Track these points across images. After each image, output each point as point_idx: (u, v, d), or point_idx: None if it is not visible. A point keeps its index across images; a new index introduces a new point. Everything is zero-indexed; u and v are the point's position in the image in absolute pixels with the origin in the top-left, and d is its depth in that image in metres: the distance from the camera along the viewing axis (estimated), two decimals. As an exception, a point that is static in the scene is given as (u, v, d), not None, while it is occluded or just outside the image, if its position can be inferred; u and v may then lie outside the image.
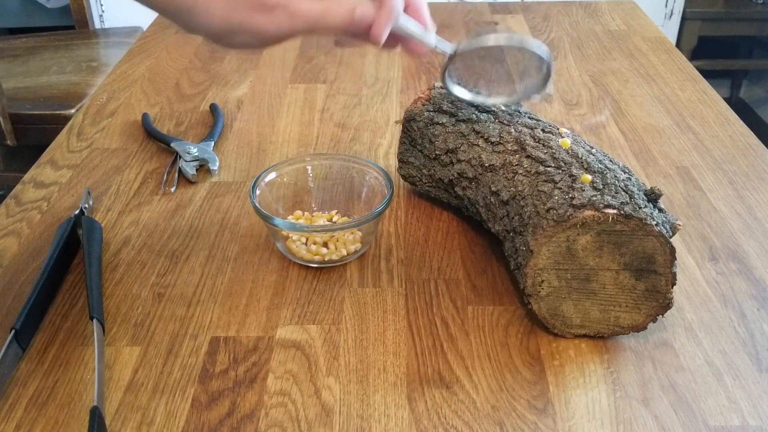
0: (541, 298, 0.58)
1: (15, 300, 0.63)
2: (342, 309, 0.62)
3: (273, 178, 0.71)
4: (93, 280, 0.63)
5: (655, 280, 0.56)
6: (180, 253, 0.69)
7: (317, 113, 0.95)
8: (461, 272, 0.66)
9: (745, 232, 0.71)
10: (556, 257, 0.56)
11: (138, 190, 0.79)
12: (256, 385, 0.55)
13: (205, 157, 0.83)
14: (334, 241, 0.67)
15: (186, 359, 0.57)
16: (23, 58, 1.81)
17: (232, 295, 0.64)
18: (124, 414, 0.53)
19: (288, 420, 0.52)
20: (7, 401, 0.54)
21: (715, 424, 0.52)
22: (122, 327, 0.61)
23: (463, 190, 0.69)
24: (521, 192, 0.61)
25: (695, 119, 0.93)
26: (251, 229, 0.72)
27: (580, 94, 1.00)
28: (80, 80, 1.69)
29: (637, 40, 1.18)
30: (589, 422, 0.52)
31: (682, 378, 0.55)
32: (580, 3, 1.36)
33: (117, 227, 0.73)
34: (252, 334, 0.60)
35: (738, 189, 0.78)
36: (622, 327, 0.58)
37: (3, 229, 0.73)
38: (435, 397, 0.54)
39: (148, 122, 0.92)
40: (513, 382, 0.55)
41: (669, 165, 0.83)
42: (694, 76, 1.05)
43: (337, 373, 0.56)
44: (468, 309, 0.62)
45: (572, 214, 0.55)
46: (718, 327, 0.60)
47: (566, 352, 0.58)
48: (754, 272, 0.66)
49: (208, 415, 0.53)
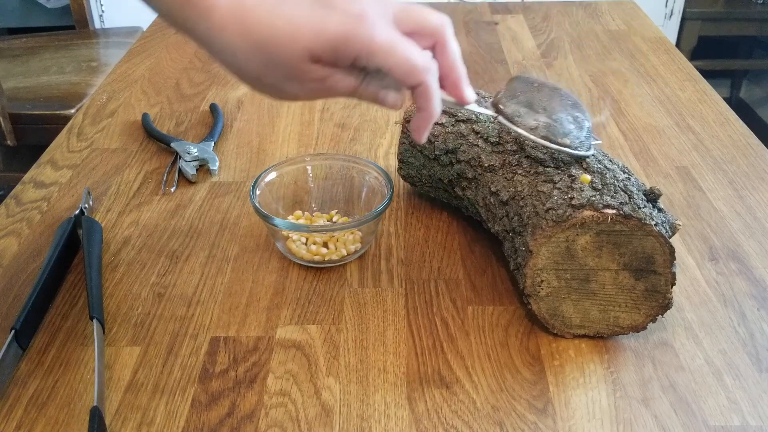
0: (541, 298, 0.58)
1: (15, 300, 0.63)
2: (342, 309, 0.62)
3: (273, 178, 0.71)
4: (93, 280, 0.63)
5: (654, 280, 0.56)
6: (180, 253, 0.69)
7: (317, 113, 0.95)
8: (461, 272, 0.66)
9: (745, 232, 0.71)
10: (556, 257, 0.56)
11: (138, 190, 0.79)
12: (256, 385, 0.55)
13: (205, 157, 0.83)
14: (334, 241, 0.67)
15: (186, 359, 0.57)
16: (23, 58, 1.81)
17: (232, 295, 0.64)
18: (124, 414, 0.53)
19: (288, 420, 0.52)
20: (7, 401, 0.54)
21: (715, 424, 0.52)
22: (122, 327, 0.61)
23: (463, 191, 0.69)
24: (520, 192, 0.61)
25: (695, 119, 0.93)
26: (251, 229, 0.72)
27: (580, 94, 1.00)
28: (80, 80, 1.69)
29: (637, 40, 1.18)
30: (589, 422, 0.52)
31: (682, 378, 0.55)
32: (580, 3, 1.36)
33: (117, 227, 0.73)
34: (252, 334, 0.60)
35: (738, 189, 0.78)
36: (622, 327, 0.58)
37: (3, 229, 0.73)
38: (435, 397, 0.54)
39: (148, 122, 0.92)
40: (513, 382, 0.55)
41: (669, 165, 0.83)
42: (694, 76, 1.05)
43: (337, 373, 0.56)
44: (468, 309, 0.62)
45: (571, 214, 0.55)
46: (718, 327, 0.60)
47: (566, 352, 0.58)
48: (754, 272, 0.66)
49: (208, 415, 0.53)
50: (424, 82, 0.49)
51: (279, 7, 0.47)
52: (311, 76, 0.49)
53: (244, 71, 0.50)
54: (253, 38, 0.47)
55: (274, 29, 0.47)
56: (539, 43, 1.18)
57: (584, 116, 0.62)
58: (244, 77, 0.51)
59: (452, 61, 0.52)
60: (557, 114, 0.60)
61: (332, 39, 0.47)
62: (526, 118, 0.59)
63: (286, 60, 0.48)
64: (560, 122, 0.60)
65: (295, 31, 0.47)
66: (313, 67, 0.48)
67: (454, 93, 0.54)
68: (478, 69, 1.08)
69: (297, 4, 0.48)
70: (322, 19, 0.47)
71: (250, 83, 0.51)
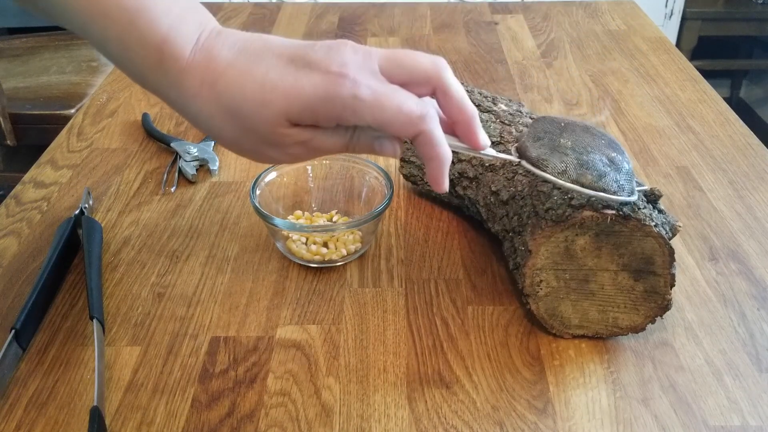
0: (540, 298, 0.58)
1: (15, 300, 0.63)
2: (342, 309, 0.62)
3: (273, 178, 0.71)
4: (93, 280, 0.63)
5: (653, 281, 0.56)
6: (180, 253, 0.69)
7: (317, 113, 0.95)
8: (461, 272, 0.66)
9: (745, 232, 0.71)
10: (555, 257, 0.56)
11: (138, 190, 0.79)
12: (256, 385, 0.55)
13: (205, 157, 0.83)
14: (334, 241, 0.67)
15: (186, 359, 0.57)
16: (23, 58, 1.81)
17: (232, 295, 0.64)
18: (124, 414, 0.53)
19: (288, 420, 0.52)
20: (7, 401, 0.54)
21: (715, 424, 0.52)
22: (122, 327, 0.61)
23: (464, 190, 0.69)
24: (520, 192, 0.61)
25: (695, 119, 0.93)
26: (251, 229, 0.72)
27: (580, 94, 1.00)
28: (80, 80, 1.69)
29: (637, 40, 1.18)
30: (589, 422, 0.52)
31: (682, 378, 0.55)
32: (580, 3, 1.36)
33: (117, 227, 0.73)
34: (252, 334, 0.60)
35: (738, 189, 0.78)
36: (621, 328, 0.58)
37: (3, 229, 0.73)
38: (435, 397, 0.54)
39: (148, 122, 0.92)
40: (513, 382, 0.55)
41: (669, 165, 0.83)
42: (694, 76, 1.05)
43: (337, 373, 0.56)
44: (468, 309, 0.62)
45: (571, 214, 0.55)
46: (718, 327, 0.60)
47: (566, 352, 0.58)
48: (754, 272, 0.66)
49: (208, 415, 0.53)
50: (424, 131, 0.45)
51: (250, 71, 0.45)
52: (291, 140, 0.46)
53: (222, 137, 0.47)
54: (223, 104, 0.45)
55: (244, 95, 0.44)
56: (539, 43, 1.18)
57: (622, 157, 0.55)
58: (222, 142, 0.48)
59: (458, 105, 0.47)
60: (589, 155, 0.53)
61: (309, 102, 0.44)
62: (553, 160, 0.53)
63: (259, 126, 0.45)
64: (593, 164, 0.53)
65: (266, 96, 0.44)
66: (292, 131, 0.45)
67: (467, 138, 0.49)
68: (478, 69, 1.08)
69: (271, 65, 0.45)
70: (297, 81, 0.44)
71: (229, 147, 0.48)
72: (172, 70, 0.45)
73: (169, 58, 0.45)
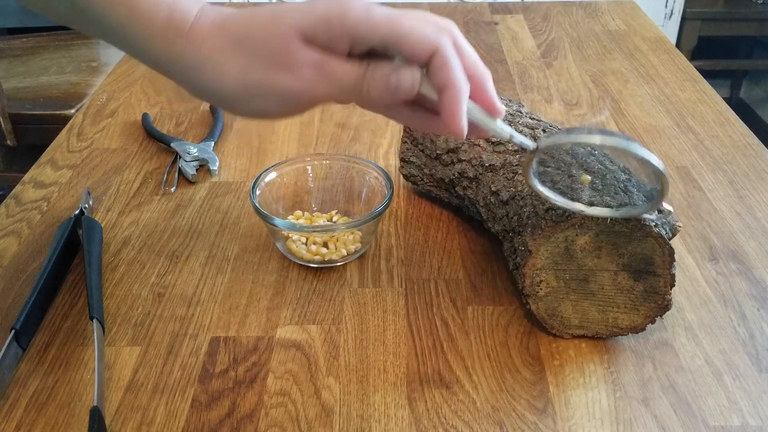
0: (540, 298, 0.58)
1: (15, 300, 0.63)
2: (342, 309, 0.62)
3: (273, 178, 0.71)
4: (93, 280, 0.63)
5: (653, 281, 0.56)
6: (180, 253, 0.69)
7: (317, 113, 0.95)
8: (461, 272, 0.66)
9: (745, 232, 0.71)
10: (555, 257, 0.56)
11: (138, 190, 0.79)
12: (256, 385, 0.55)
13: (205, 157, 0.83)
14: (334, 241, 0.67)
15: (186, 359, 0.57)
16: (23, 58, 1.81)
17: (232, 295, 0.64)
18: (124, 414, 0.53)
19: (288, 420, 0.52)
20: (7, 401, 0.54)
21: (715, 424, 0.52)
22: (122, 327, 0.61)
23: (464, 190, 0.69)
24: (521, 192, 0.61)
25: (695, 119, 0.93)
26: (251, 229, 0.72)
27: (580, 94, 1.00)
28: (80, 80, 1.69)
29: (637, 40, 1.18)
30: (589, 422, 0.52)
31: (682, 378, 0.55)
32: (580, 3, 1.36)
33: (117, 227, 0.73)
34: (252, 334, 0.60)
35: (738, 189, 0.78)
36: (621, 328, 0.58)
37: (3, 229, 0.73)
38: (435, 397, 0.54)
39: (148, 122, 0.92)
40: (513, 382, 0.55)
41: (669, 165, 0.83)
42: (694, 76, 1.05)
43: (337, 373, 0.56)
44: (468, 309, 0.62)
45: (571, 214, 0.55)
46: (718, 327, 0.60)
47: (566, 352, 0.58)
48: (754, 272, 0.66)
49: (208, 415, 0.53)
50: (441, 49, 0.43)
51: (259, 7, 0.47)
52: (303, 60, 0.44)
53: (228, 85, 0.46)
54: (232, 35, 0.45)
55: (253, 18, 0.45)
56: (539, 43, 1.18)
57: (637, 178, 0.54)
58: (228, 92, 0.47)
59: (472, 63, 0.46)
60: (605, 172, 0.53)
61: (323, 15, 0.43)
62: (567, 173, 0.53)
63: (270, 42, 0.44)
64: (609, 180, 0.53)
65: (278, 13, 0.44)
66: (305, 49, 0.44)
67: (482, 100, 0.47)
68: (478, 69, 1.08)
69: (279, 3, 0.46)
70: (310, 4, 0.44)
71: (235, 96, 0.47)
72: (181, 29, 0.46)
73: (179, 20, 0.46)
